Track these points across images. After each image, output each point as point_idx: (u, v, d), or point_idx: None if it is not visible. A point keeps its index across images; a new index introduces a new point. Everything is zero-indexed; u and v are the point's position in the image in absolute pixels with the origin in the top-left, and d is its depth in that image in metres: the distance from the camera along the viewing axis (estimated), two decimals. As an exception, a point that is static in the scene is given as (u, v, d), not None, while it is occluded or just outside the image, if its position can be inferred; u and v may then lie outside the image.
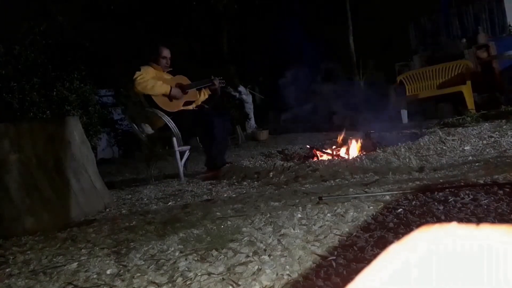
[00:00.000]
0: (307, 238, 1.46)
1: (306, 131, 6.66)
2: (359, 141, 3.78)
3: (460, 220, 1.47)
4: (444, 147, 3.24)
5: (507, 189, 1.73)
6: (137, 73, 3.62)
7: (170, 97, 3.69)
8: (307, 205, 1.92)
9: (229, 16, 8.61)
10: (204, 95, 4.08)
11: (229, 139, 4.14)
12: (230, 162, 3.80)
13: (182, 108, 3.80)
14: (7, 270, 1.61)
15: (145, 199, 2.89)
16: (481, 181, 1.96)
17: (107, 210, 2.61)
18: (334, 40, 8.11)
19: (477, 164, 2.52)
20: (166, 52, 3.86)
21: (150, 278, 1.31)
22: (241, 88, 7.92)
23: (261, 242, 1.48)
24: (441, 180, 2.16)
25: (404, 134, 4.40)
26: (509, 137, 3.25)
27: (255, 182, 3.01)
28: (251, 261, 1.31)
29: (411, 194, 1.88)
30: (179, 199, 2.71)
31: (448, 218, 1.50)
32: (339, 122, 6.87)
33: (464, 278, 0.24)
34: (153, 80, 3.62)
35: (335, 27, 8.07)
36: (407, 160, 2.96)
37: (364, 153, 3.44)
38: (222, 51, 8.75)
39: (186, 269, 1.33)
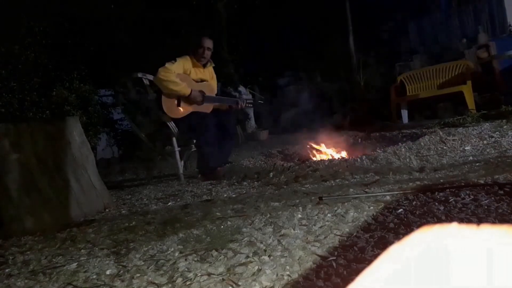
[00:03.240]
0: (307, 238, 1.46)
1: (306, 131, 6.65)
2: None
3: (461, 220, 1.46)
4: (444, 147, 3.24)
5: (508, 189, 1.73)
6: (166, 65, 3.43)
7: (188, 99, 3.50)
8: (307, 206, 1.91)
9: (229, 16, 8.61)
10: (219, 107, 3.84)
11: (232, 141, 3.93)
12: (231, 162, 3.79)
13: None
14: (7, 270, 1.61)
15: (144, 199, 2.89)
16: (482, 181, 1.96)
17: (107, 210, 2.61)
18: (334, 39, 8.11)
19: (477, 164, 2.51)
20: (207, 42, 3.65)
21: (150, 278, 1.30)
22: (241, 88, 7.91)
23: (261, 243, 1.48)
24: (441, 180, 2.16)
25: (405, 134, 4.40)
26: (510, 137, 3.24)
27: (255, 182, 3.01)
28: (251, 262, 1.30)
29: (411, 194, 1.88)
30: (179, 199, 2.71)
31: (448, 218, 1.50)
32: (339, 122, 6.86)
33: (465, 278, 0.24)
34: (176, 81, 3.41)
35: (335, 27, 8.06)
36: (408, 160, 2.96)
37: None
38: (222, 51, 8.74)
39: (186, 269, 1.33)
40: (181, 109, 3.57)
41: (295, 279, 1.14)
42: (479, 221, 1.43)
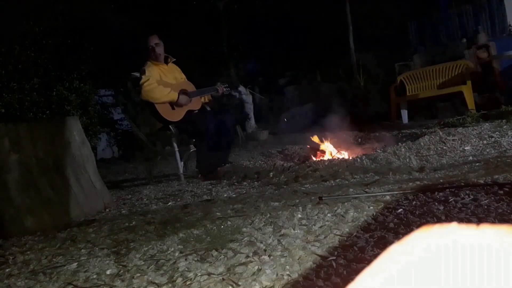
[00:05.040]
0: (307, 238, 1.46)
1: (306, 131, 6.67)
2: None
3: (461, 220, 1.46)
4: (444, 147, 3.24)
5: (507, 189, 1.73)
6: (143, 77, 3.45)
7: (176, 104, 3.56)
8: (307, 205, 1.91)
9: (229, 16, 8.61)
10: (204, 99, 3.96)
11: (230, 141, 3.98)
12: (231, 162, 3.79)
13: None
14: (7, 270, 1.61)
15: (145, 199, 2.89)
16: (482, 181, 1.96)
17: (107, 210, 2.61)
18: (334, 39, 8.12)
19: (477, 164, 2.52)
20: (151, 40, 3.66)
21: (150, 278, 1.30)
22: (241, 88, 7.92)
23: (261, 242, 1.48)
24: (441, 180, 2.16)
25: (404, 134, 4.40)
26: (509, 137, 3.24)
27: (255, 182, 3.01)
28: (251, 261, 1.31)
29: (411, 194, 1.88)
30: (179, 199, 2.71)
31: (448, 218, 1.50)
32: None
33: (465, 278, 0.24)
34: (160, 87, 3.48)
35: (335, 27, 8.06)
36: (408, 160, 2.96)
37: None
38: (222, 51, 8.75)
39: (186, 269, 1.33)
40: (176, 111, 3.60)
41: (295, 278, 1.14)
42: (479, 221, 1.43)
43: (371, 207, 1.75)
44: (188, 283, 1.22)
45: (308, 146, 4.21)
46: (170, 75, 3.76)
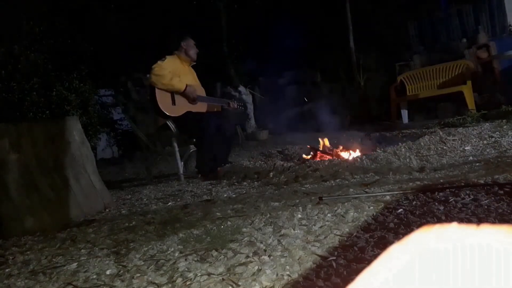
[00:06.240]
0: (307, 238, 1.46)
1: (306, 131, 6.66)
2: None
3: (461, 220, 1.46)
4: (444, 147, 3.24)
5: (508, 189, 1.73)
6: (158, 62, 3.50)
7: (183, 94, 3.57)
8: (307, 205, 1.91)
9: (229, 16, 8.61)
10: (212, 108, 3.94)
11: (231, 141, 3.97)
12: (231, 162, 3.79)
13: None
14: (7, 270, 1.61)
15: (144, 199, 2.89)
16: (482, 181, 1.96)
17: (107, 210, 2.61)
18: (334, 39, 8.11)
19: (477, 164, 2.51)
20: (192, 42, 3.79)
21: (150, 278, 1.30)
22: (241, 88, 7.91)
23: (261, 243, 1.48)
24: (441, 180, 2.16)
25: (405, 134, 4.40)
26: (510, 137, 3.24)
27: (255, 182, 3.01)
28: (251, 262, 1.30)
29: (411, 194, 1.88)
30: (179, 199, 2.71)
31: (448, 218, 1.50)
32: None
33: (465, 278, 0.24)
34: (171, 74, 3.50)
35: (335, 27, 8.06)
36: (408, 160, 2.96)
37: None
38: (222, 51, 8.74)
39: (186, 269, 1.33)
40: (176, 107, 3.58)
41: (295, 279, 1.14)
42: (479, 221, 1.43)
43: (371, 207, 1.75)
44: (188, 283, 1.22)
45: (308, 146, 4.21)
46: (189, 74, 3.82)
